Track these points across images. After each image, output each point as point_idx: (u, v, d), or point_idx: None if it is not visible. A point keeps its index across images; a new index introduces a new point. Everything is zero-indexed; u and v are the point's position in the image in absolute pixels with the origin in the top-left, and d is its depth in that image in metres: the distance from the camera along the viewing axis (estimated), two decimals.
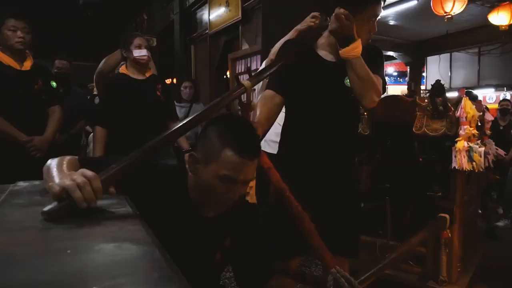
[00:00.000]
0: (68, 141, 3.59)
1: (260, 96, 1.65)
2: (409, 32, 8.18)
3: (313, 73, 1.57)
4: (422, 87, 9.28)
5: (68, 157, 0.98)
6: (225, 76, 6.26)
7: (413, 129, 2.32)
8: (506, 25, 5.23)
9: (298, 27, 1.91)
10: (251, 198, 2.70)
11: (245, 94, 1.28)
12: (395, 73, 12.78)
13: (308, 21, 1.86)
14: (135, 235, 0.66)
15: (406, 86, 9.74)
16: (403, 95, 5.53)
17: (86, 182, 0.76)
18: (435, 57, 9.28)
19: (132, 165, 0.91)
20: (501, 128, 4.64)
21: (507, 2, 5.13)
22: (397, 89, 11.47)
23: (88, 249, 0.58)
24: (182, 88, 4.11)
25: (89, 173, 0.79)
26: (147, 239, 0.63)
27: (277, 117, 1.61)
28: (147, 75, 2.69)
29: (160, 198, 1.05)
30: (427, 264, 2.46)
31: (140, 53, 2.57)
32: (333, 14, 1.45)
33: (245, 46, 5.20)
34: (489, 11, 5.37)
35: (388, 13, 6.83)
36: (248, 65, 4.88)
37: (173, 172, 1.15)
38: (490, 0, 5.21)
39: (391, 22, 7.53)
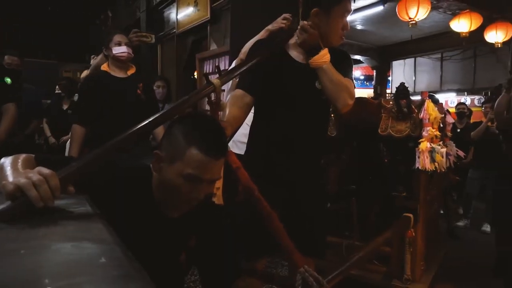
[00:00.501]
0: (23, 142, 3.45)
1: (230, 96, 1.64)
2: (376, 37, 8.42)
3: (283, 74, 1.57)
4: (388, 90, 9.57)
5: (23, 155, 0.93)
6: (192, 77, 6.20)
7: (379, 131, 2.38)
8: (466, 32, 5.47)
9: (269, 27, 1.92)
10: (218, 199, 2.68)
11: (214, 93, 1.27)
12: (362, 77, 13.12)
13: (279, 22, 1.86)
14: (94, 234, 0.64)
15: (372, 90, 10.02)
16: (370, 97, 5.66)
17: (42, 180, 0.72)
18: (400, 61, 9.60)
19: (93, 163, 0.87)
20: (458, 130, 4.84)
21: (467, 10, 5.37)
22: (364, 92, 11.78)
23: (44, 249, 0.56)
24: (155, 88, 4.01)
25: (46, 171, 0.75)
26: (107, 237, 0.61)
27: (246, 116, 1.60)
28: (129, 73, 2.64)
29: (123, 198, 1.02)
30: (392, 263, 2.52)
31: (119, 50, 2.52)
32: (299, 27, 1.50)
33: (214, 47, 5.17)
34: (450, 18, 5.61)
35: (355, 18, 7.01)
36: (216, 65, 4.86)
37: (138, 171, 1.12)
38: (451, 8, 5.44)
39: (359, 27, 7.73)
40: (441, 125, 2.43)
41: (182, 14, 6.01)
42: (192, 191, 1.01)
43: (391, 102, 2.41)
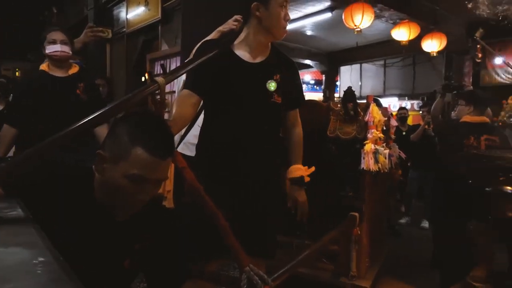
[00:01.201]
0: None
1: (177, 96, 1.62)
2: (324, 43, 8.72)
3: (231, 73, 1.57)
4: (336, 94, 9.94)
5: None
6: (143, 79, 6.03)
7: (327, 132, 2.45)
8: (406, 41, 5.83)
9: (220, 28, 1.92)
10: (169, 203, 2.61)
11: (159, 92, 1.23)
12: (312, 81, 13.52)
13: (230, 24, 1.87)
14: (25, 238, 0.61)
15: (322, 94, 10.34)
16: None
17: None
18: (347, 67, 10.03)
19: (23, 164, 0.81)
20: (404, 133, 5.13)
21: (406, 20, 5.73)
22: (314, 96, 12.13)
23: None
24: None
25: None
26: (38, 242, 0.59)
27: (193, 117, 1.59)
28: (70, 72, 2.48)
29: (63, 200, 0.96)
30: (339, 261, 2.60)
31: (52, 48, 2.36)
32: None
33: (165, 47, 5.07)
34: (392, 27, 5.94)
35: (305, 24, 7.21)
36: (161, 63, 4.77)
37: (78, 171, 1.05)
38: (392, 17, 5.78)
39: (308, 32, 7.96)
40: (384, 128, 2.56)
41: (132, 13, 5.84)
42: (138, 192, 0.97)
43: (339, 105, 2.50)
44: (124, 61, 6.18)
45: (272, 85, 1.57)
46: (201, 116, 1.79)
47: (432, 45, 6.09)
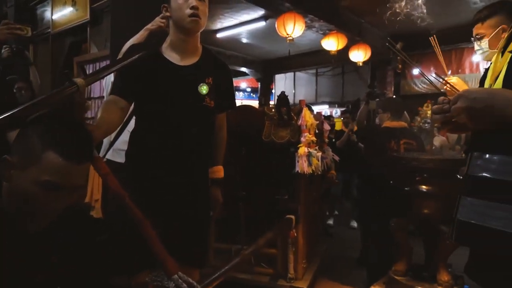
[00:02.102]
0: None
1: (103, 101, 1.54)
2: (259, 50, 8.90)
3: (160, 76, 1.53)
4: (272, 102, 10.18)
5: None
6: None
7: (263, 137, 2.48)
8: (335, 51, 6.16)
9: (148, 26, 1.87)
10: (97, 212, 2.46)
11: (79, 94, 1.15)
12: (249, 89, 13.72)
13: (158, 21, 1.82)
14: None
15: (258, 101, 10.53)
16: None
17: None
18: (282, 75, 10.34)
19: None
20: (334, 140, 5.37)
21: (335, 32, 6.06)
22: (250, 103, 12.33)
23: None
24: (15, 91, 3.48)
25: None
26: None
27: (120, 122, 1.52)
28: None
29: None
30: (277, 264, 2.64)
31: None
32: None
33: (94, 50, 4.80)
34: (322, 38, 6.24)
35: (241, 31, 7.31)
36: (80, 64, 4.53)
37: None
38: (322, 28, 6.07)
39: (244, 40, 8.07)
40: (317, 131, 2.65)
41: (58, 13, 5.44)
42: (51, 201, 0.89)
43: (273, 110, 2.55)
44: (50, 64, 5.74)
45: (204, 88, 1.55)
46: (132, 122, 1.72)
47: (359, 55, 6.51)
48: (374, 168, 2.81)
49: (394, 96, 7.43)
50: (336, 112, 8.89)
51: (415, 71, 7.81)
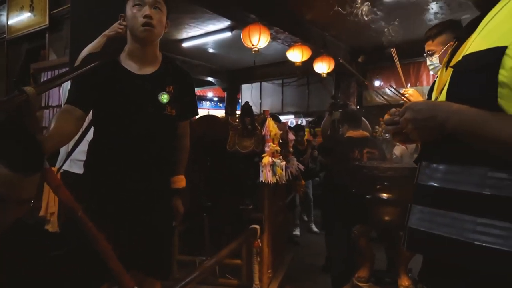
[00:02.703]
0: None
1: (58, 111, 1.49)
2: (226, 61, 8.93)
3: (118, 85, 1.51)
4: (238, 112, 10.20)
5: None
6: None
7: (227, 147, 2.48)
8: (299, 62, 6.29)
9: (106, 32, 1.83)
10: (53, 226, 2.36)
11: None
12: (216, 98, 13.70)
13: (116, 27, 1.80)
14: None
15: (224, 111, 10.53)
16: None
17: None
18: (248, 85, 10.41)
19: None
20: (301, 150, 5.48)
21: (299, 44, 6.19)
22: (217, 113, 12.32)
23: None
24: None
25: None
26: None
27: (75, 132, 1.47)
28: None
29: None
30: (242, 275, 2.62)
31: None
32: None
33: (53, 57, 4.64)
34: (287, 49, 6.36)
35: (207, 41, 7.30)
36: (31, 72, 4.37)
37: None
38: (287, 40, 6.18)
39: (210, 50, 8.08)
40: (281, 141, 2.68)
41: (15, 18, 5.22)
42: None
43: (237, 120, 2.55)
44: (5, 70, 5.47)
45: (164, 97, 1.54)
46: (91, 131, 1.67)
47: (323, 67, 6.68)
48: (338, 177, 2.87)
49: (356, 107, 7.68)
50: (302, 121, 9.04)
51: (376, 83, 8.11)
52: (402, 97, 1.95)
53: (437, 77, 1.07)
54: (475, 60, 0.84)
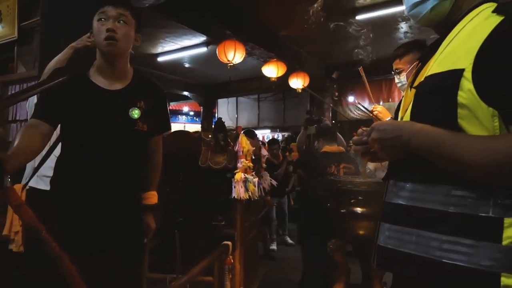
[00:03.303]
0: None
1: (23, 126, 1.44)
2: (202, 75, 8.94)
3: (87, 100, 1.48)
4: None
5: None
6: None
7: (199, 163, 2.45)
8: (275, 78, 6.36)
9: (74, 44, 1.81)
10: (17, 246, 2.25)
11: None
12: (192, 113, 13.63)
13: (84, 40, 1.77)
14: None
15: (200, 125, 10.49)
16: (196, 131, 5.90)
17: None
18: (224, 99, 10.43)
19: None
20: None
21: (275, 59, 6.27)
22: (194, 127, 12.25)
23: None
24: None
25: None
26: None
27: (41, 148, 1.42)
28: None
29: None
30: None
31: None
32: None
33: (22, 70, 4.52)
34: (263, 65, 6.43)
35: (183, 56, 7.30)
36: None
37: None
38: (263, 56, 6.26)
39: (186, 65, 8.07)
40: (254, 157, 2.68)
41: None
42: None
43: (210, 136, 2.54)
44: None
45: (135, 113, 1.52)
46: (59, 146, 1.63)
47: (298, 82, 6.78)
48: (313, 192, 2.88)
49: (332, 121, 7.81)
50: (278, 136, 9.10)
51: (351, 98, 8.30)
52: (371, 114, 2.00)
53: (402, 96, 1.10)
54: (435, 81, 0.86)
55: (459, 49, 0.85)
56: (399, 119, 1.03)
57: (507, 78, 0.76)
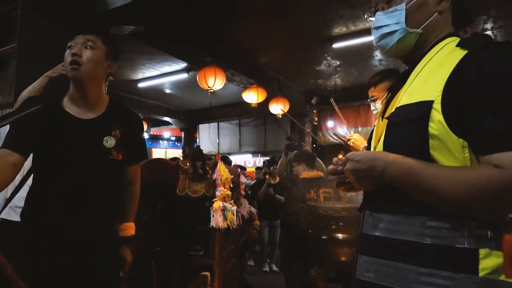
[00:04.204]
0: None
1: None
2: (183, 101, 8.95)
3: (61, 130, 1.46)
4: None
5: None
6: None
7: (177, 191, 2.41)
8: (255, 103, 6.43)
9: (49, 73, 1.79)
10: None
11: None
12: (173, 138, 13.54)
13: (59, 69, 1.75)
14: None
15: (182, 150, 10.41)
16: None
17: None
18: (206, 125, 10.43)
19: None
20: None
21: (255, 86, 6.36)
22: (175, 153, 12.15)
23: None
24: None
25: None
26: None
27: (11, 179, 1.38)
28: None
29: None
30: None
31: None
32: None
33: None
34: (243, 90, 6.50)
35: (163, 82, 7.32)
36: None
37: None
38: (243, 82, 6.34)
39: (167, 91, 8.08)
40: (232, 185, 2.66)
41: None
42: None
43: (188, 164, 2.51)
44: None
45: (109, 142, 1.49)
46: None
47: (278, 108, 6.86)
48: (294, 218, 2.86)
49: (313, 145, 7.88)
50: (260, 161, 9.10)
51: (330, 123, 8.42)
52: (347, 143, 2.03)
53: (374, 126, 1.10)
54: (406, 112, 0.88)
55: (427, 81, 0.87)
56: (372, 149, 1.04)
57: (472, 110, 0.77)
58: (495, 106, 0.76)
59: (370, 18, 1.04)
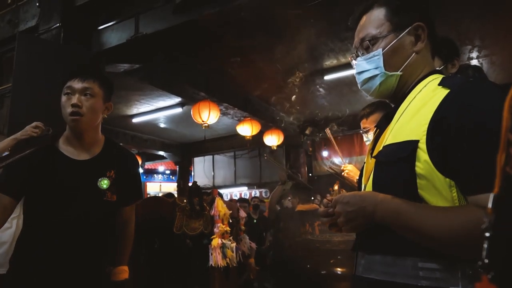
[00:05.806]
0: None
1: None
2: (177, 135, 8.97)
3: (56, 172, 1.43)
4: (190, 184, 10.02)
5: None
6: None
7: (174, 229, 2.37)
8: (249, 136, 6.46)
9: (18, 135, 1.79)
10: None
11: None
12: (168, 171, 13.45)
13: (29, 131, 1.76)
14: None
15: (176, 184, 10.31)
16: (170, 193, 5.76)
17: None
18: (201, 158, 10.40)
19: None
20: (255, 221, 5.38)
21: (249, 118, 6.41)
22: (169, 186, 12.04)
23: None
24: None
25: None
26: None
27: (3, 222, 1.34)
28: None
29: None
30: None
31: None
32: None
33: None
34: (237, 123, 6.54)
35: (158, 116, 7.35)
36: None
37: None
38: (237, 115, 6.40)
39: (161, 125, 8.11)
40: (230, 221, 2.62)
41: None
42: None
43: (184, 200, 2.48)
44: None
45: (104, 183, 1.46)
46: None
47: (272, 139, 6.89)
48: (290, 252, 2.80)
49: (309, 174, 7.86)
50: (255, 193, 9.04)
51: (324, 153, 8.45)
52: (341, 175, 2.03)
53: (364, 163, 1.10)
54: (392, 152, 0.87)
55: (412, 121, 0.86)
56: (362, 187, 1.03)
57: (455, 151, 0.77)
58: (477, 146, 0.75)
59: (354, 62, 1.06)
